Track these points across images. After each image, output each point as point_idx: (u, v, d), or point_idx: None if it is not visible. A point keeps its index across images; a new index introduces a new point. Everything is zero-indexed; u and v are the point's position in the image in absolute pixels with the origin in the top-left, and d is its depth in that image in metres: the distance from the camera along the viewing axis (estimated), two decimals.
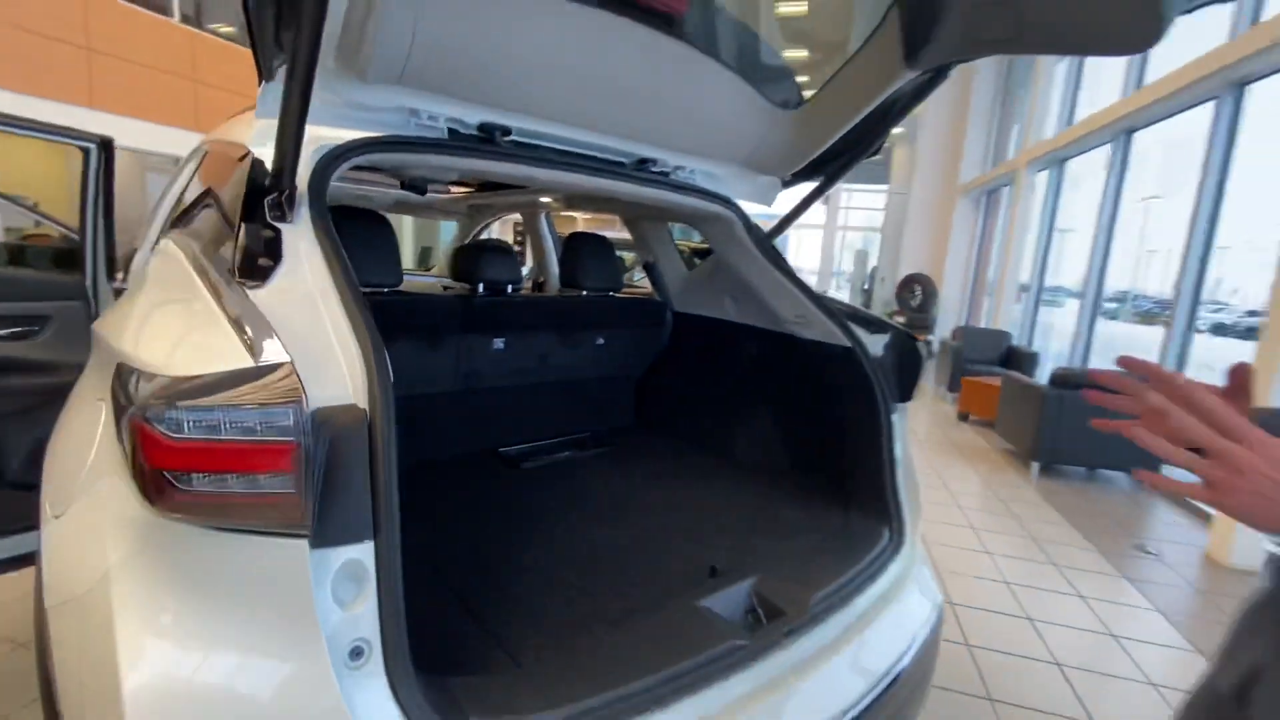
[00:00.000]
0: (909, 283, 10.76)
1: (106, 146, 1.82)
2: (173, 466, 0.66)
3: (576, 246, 2.10)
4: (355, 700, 0.73)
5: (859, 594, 1.30)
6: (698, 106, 1.55)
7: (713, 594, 1.21)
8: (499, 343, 1.94)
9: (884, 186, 14.23)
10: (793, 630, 1.13)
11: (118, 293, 1.99)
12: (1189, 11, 1.12)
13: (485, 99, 1.30)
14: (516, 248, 6.82)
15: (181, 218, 1.51)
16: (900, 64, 1.39)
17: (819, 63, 1.64)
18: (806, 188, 1.88)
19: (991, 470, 4.84)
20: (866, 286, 13.40)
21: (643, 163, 1.63)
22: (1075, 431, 4.51)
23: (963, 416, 6.35)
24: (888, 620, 1.31)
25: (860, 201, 17.17)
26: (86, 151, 1.80)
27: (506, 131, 1.36)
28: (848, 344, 1.65)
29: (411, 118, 1.23)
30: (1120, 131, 5.99)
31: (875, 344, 1.67)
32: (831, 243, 11.98)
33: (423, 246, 8.49)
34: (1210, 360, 4.93)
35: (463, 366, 1.90)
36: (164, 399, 0.68)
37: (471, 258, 1.86)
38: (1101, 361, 6.32)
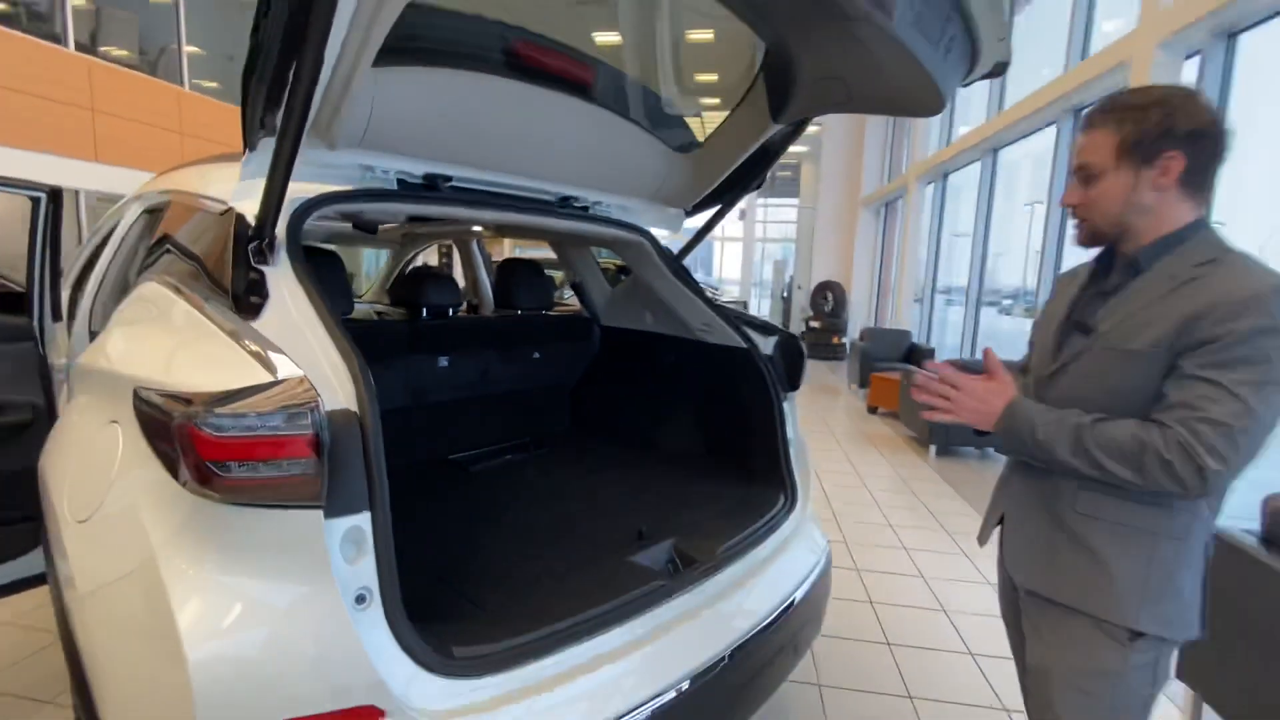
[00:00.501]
0: (821, 290, 11.52)
1: (55, 196, 1.92)
2: (217, 458, 0.87)
3: (510, 271, 2.35)
4: (364, 633, 0.96)
5: (758, 544, 1.61)
6: (609, 153, 1.85)
7: (640, 551, 1.48)
8: (443, 361, 2.15)
9: (795, 201, 15.13)
10: (703, 572, 1.42)
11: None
12: (965, 85, 1.52)
13: (429, 154, 1.54)
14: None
15: (147, 261, 1.66)
16: (768, 118, 1.74)
17: (710, 113, 1.98)
18: (710, 213, 2.22)
19: (896, 455, 5.38)
20: (786, 295, 14.18)
21: (565, 200, 1.91)
22: None
23: (872, 410, 6.94)
24: (783, 563, 1.63)
25: (776, 215, 18.15)
26: (36, 200, 1.89)
27: (447, 179, 1.60)
28: (744, 346, 1.98)
29: (366, 172, 1.46)
30: (987, 150, 6.80)
31: (767, 344, 2.01)
32: (750, 255, 12.62)
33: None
34: None
35: (411, 384, 2.10)
36: (205, 408, 0.89)
37: (413, 285, 2.08)
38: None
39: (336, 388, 1.02)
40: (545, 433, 2.55)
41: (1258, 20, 3.44)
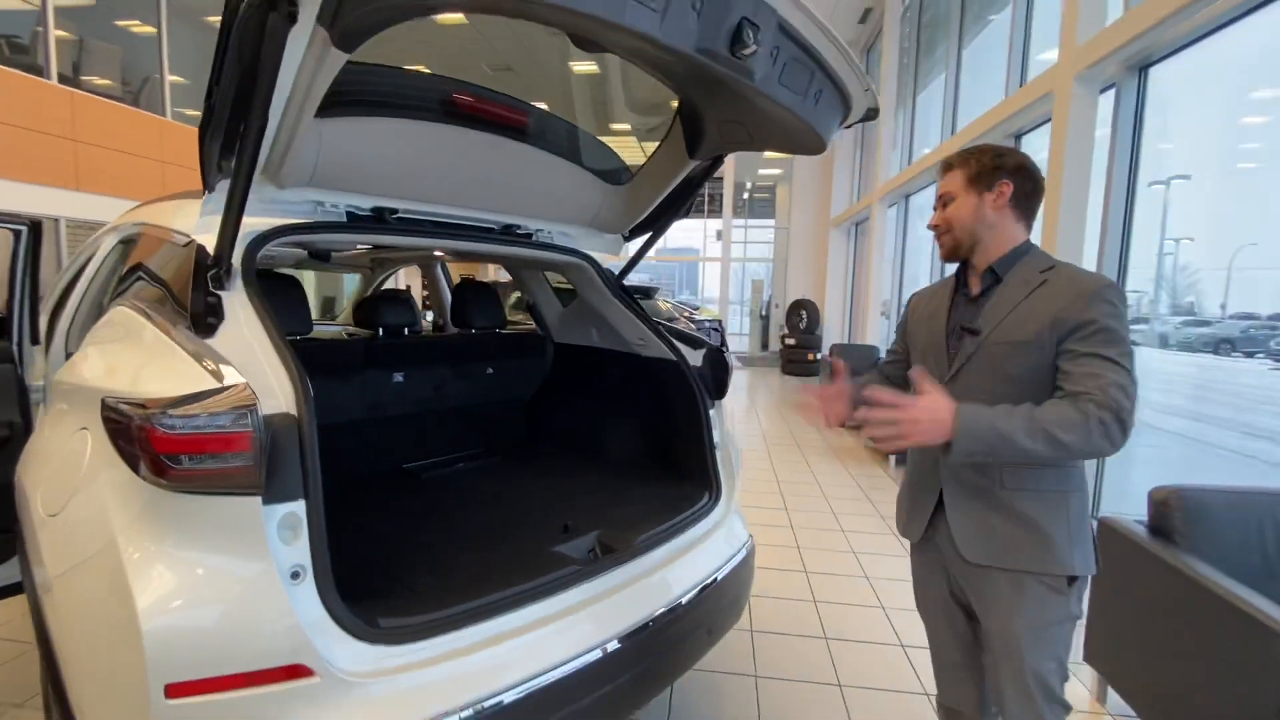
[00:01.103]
0: (796, 308, 11.80)
1: (35, 228, 2.08)
2: (170, 451, 1.03)
3: (464, 292, 2.53)
4: (296, 603, 1.11)
5: (679, 535, 1.78)
6: (546, 186, 2.04)
7: (565, 542, 1.65)
8: (398, 377, 2.32)
9: (772, 222, 15.50)
10: (618, 559, 1.58)
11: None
12: (846, 128, 1.74)
13: (377, 190, 1.73)
14: (425, 294, 7.12)
15: (120, 287, 1.82)
16: (685, 156, 1.95)
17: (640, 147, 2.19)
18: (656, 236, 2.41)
19: (858, 465, 5.57)
20: (764, 314, 14.48)
21: (508, 228, 2.10)
22: None
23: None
24: (700, 553, 1.79)
25: (757, 236, 18.53)
26: (17, 233, 2.05)
27: (394, 212, 1.79)
28: (674, 359, 2.16)
29: (318, 207, 1.64)
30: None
31: (695, 357, 2.20)
32: (728, 275, 12.91)
33: (325, 297, 8.57)
34: None
35: (368, 399, 2.26)
36: (159, 410, 1.05)
37: (371, 308, 2.25)
38: None
39: (278, 394, 1.18)
40: (500, 443, 2.71)
41: (1164, 55, 3.75)
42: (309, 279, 10.07)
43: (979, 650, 1.45)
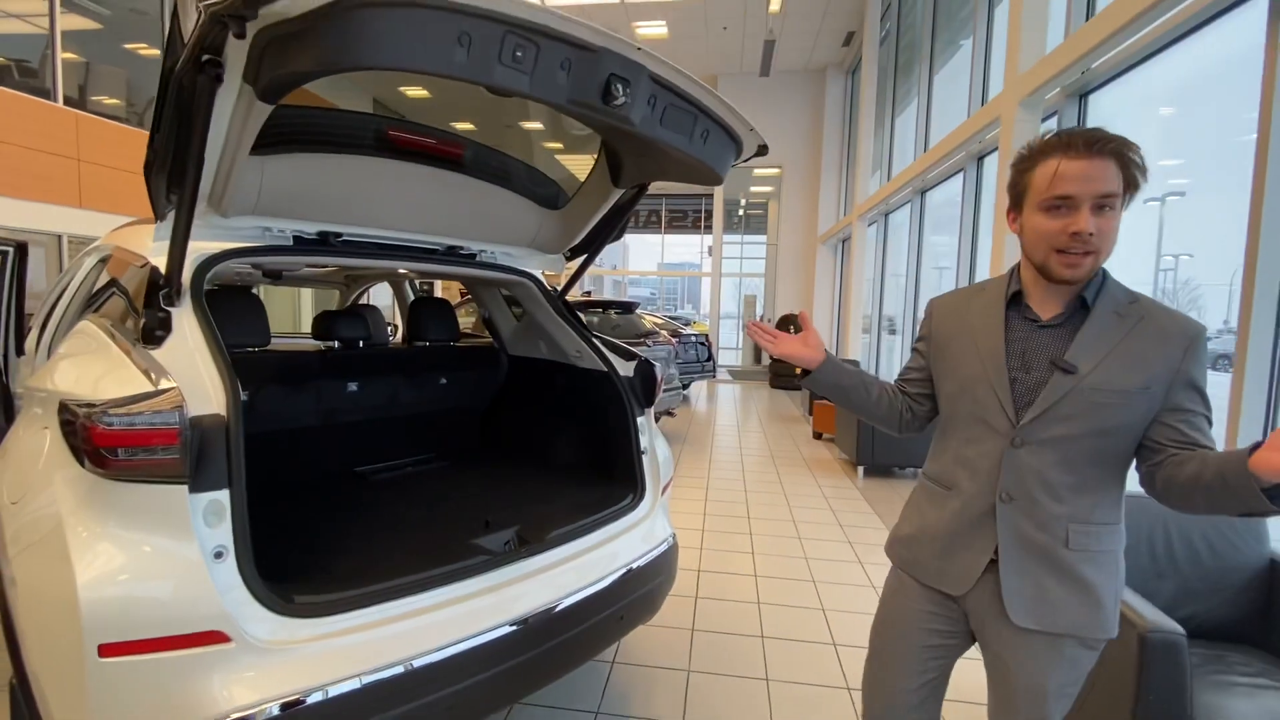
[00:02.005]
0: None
1: (22, 250, 2.28)
2: (108, 445, 1.21)
3: (418, 308, 2.72)
4: (217, 579, 1.28)
5: (595, 530, 1.94)
6: (486, 210, 2.23)
7: (484, 536, 1.81)
8: (353, 385, 2.50)
9: (763, 238, 15.74)
10: (530, 551, 1.75)
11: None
12: (742, 163, 1.92)
13: (323, 216, 1.92)
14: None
15: (92, 303, 2.02)
16: (610, 185, 2.14)
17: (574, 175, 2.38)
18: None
19: (827, 476, 5.71)
20: None
21: (451, 249, 2.28)
22: (888, 439, 5.45)
23: (817, 435, 7.29)
24: (615, 546, 1.96)
25: (752, 251, 18.77)
26: (4, 254, 2.25)
27: (338, 235, 1.98)
28: (605, 370, 2.34)
29: (266, 232, 1.83)
30: (915, 191, 7.32)
31: (626, 369, 2.37)
32: (718, 289, 13.11)
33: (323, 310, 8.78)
34: None
35: (323, 405, 2.44)
36: (101, 409, 1.23)
37: (326, 322, 2.44)
38: None
39: (211, 397, 1.36)
40: (451, 449, 2.88)
41: (1103, 81, 3.95)
42: (305, 296, 10.34)
43: (936, 701, 1.35)
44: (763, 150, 1.86)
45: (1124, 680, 1.69)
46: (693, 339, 10.77)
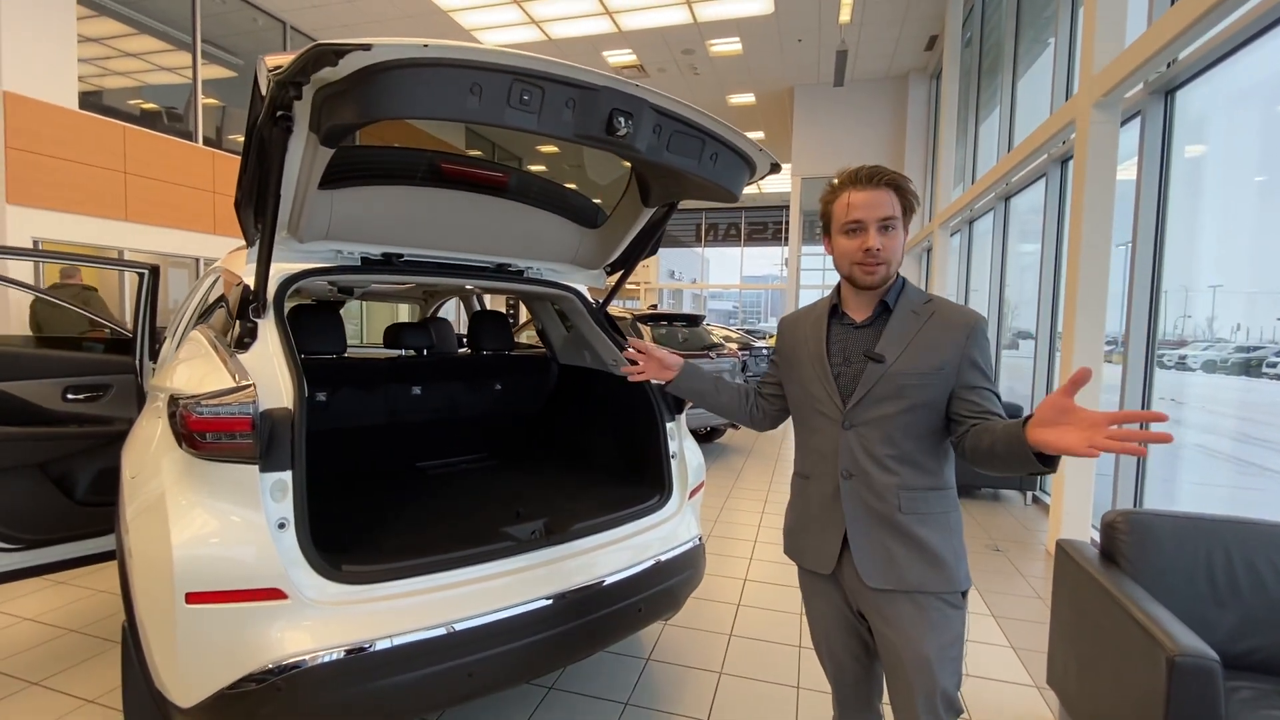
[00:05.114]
0: None
1: (155, 272, 2.74)
2: (199, 430, 1.49)
3: (477, 320, 2.99)
4: (279, 545, 1.53)
5: (619, 526, 2.08)
6: (530, 230, 2.45)
7: (515, 525, 2.00)
8: (417, 389, 2.78)
9: None
10: (554, 540, 1.91)
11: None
12: (756, 181, 2.02)
13: (385, 240, 2.20)
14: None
15: (204, 315, 2.40)
16: (641, 205, 2.30)
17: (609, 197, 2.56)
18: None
19: None
20: None
21: (501, 267, 2.51)
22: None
23: None
24: (642, 542, 2.09)
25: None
26: (141, 275, 2.71)
27: (400, 256, 2.25)
28: None
29: (337, 254, 2.12)
30: (999, 198, 6.99)
31: None
32: (796, 301, 12.96)
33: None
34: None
35: (390, 407, 2.74)
36: (194, 401, 1.51)
37: (394, 333, 2.75)
38: (1005, 391, 7.06)
39: (282, 394, 1.63)
40: (503, 449, 3.12)
41: (1189, 77, 3.67)
42: (403, 311, 11.20)
43: (872, 682, 1.51)
44: (775, 168, 1.95)
45: (1153, 706, 1.62)
46: (764, 352, 10.71)
